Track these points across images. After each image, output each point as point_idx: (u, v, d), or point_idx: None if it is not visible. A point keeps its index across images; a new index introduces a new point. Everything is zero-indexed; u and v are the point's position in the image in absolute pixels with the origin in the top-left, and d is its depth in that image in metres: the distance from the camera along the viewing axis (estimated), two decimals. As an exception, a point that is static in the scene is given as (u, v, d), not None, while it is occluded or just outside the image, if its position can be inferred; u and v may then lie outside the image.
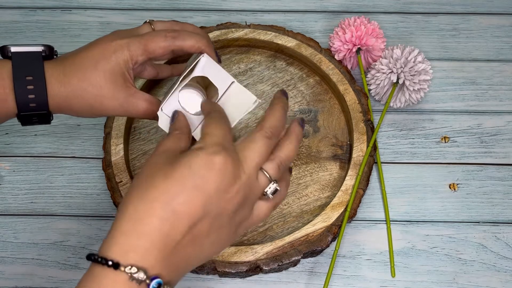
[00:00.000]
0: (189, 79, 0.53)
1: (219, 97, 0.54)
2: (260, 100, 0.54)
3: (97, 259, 0.39)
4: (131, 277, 0.39)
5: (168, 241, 0.40)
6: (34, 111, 0.52)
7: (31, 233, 0.64)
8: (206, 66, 0.53)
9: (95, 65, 0.52)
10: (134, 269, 0.39)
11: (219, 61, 0.56)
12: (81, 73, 0.52)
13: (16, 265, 0.63)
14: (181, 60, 0.68)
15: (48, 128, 0.70)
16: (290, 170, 0.51)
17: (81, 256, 0.63)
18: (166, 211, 0.40)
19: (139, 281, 0.39)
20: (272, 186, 0.46)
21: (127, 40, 0.53)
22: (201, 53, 0.55)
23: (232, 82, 0.53)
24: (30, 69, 0.51)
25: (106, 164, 0.65)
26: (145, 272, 0.39)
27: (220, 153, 0.42)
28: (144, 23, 0.57)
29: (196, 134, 0.53)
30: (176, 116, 0.51)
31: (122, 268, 0.39)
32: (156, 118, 0.55)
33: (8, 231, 0.64)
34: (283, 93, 0.50)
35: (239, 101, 0.54)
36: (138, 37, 0.53)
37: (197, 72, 0.53)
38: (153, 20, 0.57)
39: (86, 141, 0.70)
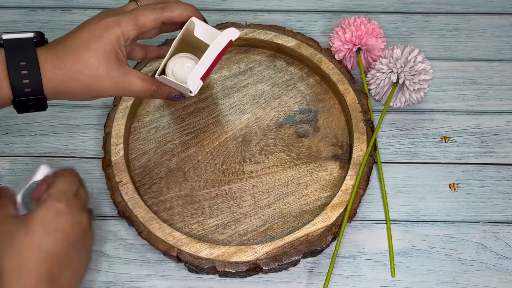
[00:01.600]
0: (178, 41, 0.58)
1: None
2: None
3: None
4: None
5: None
6: (30, 96, 0.52)
7: (31, 233, 0.64)
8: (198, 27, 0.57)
9: (87, 45, 0.52)
10: None
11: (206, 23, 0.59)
12: (74, 55, 0.52)
13: (16, 265, 0.63)
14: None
15: (48, 128, 0.70)
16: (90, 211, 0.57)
17: (81, 256, 0.63)
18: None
19: None
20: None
21: (116, 17, 0.54)
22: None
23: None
24: (23, 54, 0.51)
25: (106, 164, 0.65)
26: None
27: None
28: (129, 1, 0.57)
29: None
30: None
31: None
32: (153, 96, 0.57)
33: (8, 231, 0.64)
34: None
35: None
36: (127, 13, 0.54)
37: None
38: None
39: (86, 141, 0.70)
